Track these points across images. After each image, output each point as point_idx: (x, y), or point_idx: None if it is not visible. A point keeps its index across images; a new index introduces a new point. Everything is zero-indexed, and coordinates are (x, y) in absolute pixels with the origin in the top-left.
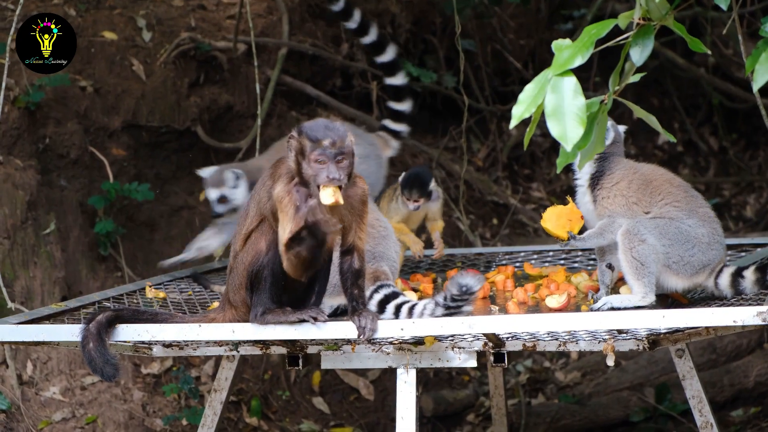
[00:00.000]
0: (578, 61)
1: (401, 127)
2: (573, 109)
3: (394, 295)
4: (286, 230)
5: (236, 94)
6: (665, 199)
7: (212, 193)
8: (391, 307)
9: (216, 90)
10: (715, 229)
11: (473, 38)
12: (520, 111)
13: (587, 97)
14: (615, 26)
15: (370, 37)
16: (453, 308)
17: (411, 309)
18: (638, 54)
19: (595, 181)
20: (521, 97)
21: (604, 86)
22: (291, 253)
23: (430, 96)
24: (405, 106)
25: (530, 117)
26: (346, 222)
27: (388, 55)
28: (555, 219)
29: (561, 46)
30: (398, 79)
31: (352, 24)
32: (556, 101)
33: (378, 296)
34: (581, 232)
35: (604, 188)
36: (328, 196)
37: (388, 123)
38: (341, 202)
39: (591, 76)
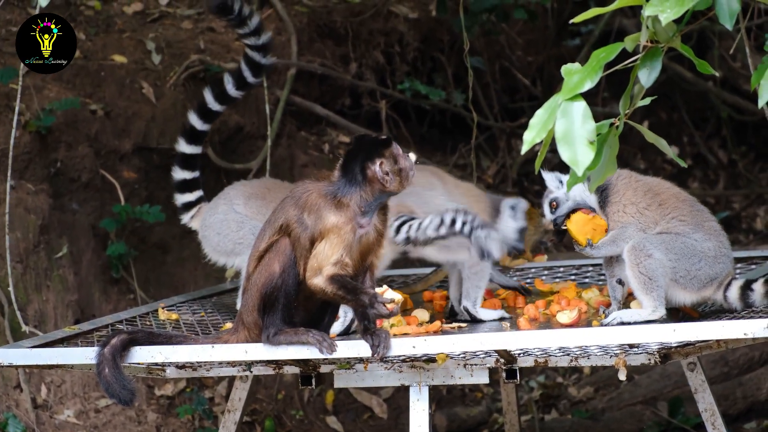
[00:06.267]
0: (587, 86)
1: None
2: (583, 134)
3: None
4: (332, 258)
5: (246, 115)
6: (671, 214)
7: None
8: (404, 228)
9: (226, 111)
10: (722, 243)
11: (481, 55)
12: (531, 136)
13: (596, 113)
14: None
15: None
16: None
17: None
18: (647, 76)
19: (603, 200)
20: (532, 122)
21: (612, 101)
22: (333, 285)
23: (439, 114)
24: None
25: (541, 140)
26: (369, 243)
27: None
28: (581, 224)
29: (570, 70)
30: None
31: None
32: (566, 126)
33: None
34: None
35: (613, 203)
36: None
37: None
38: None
39: (599, 92)
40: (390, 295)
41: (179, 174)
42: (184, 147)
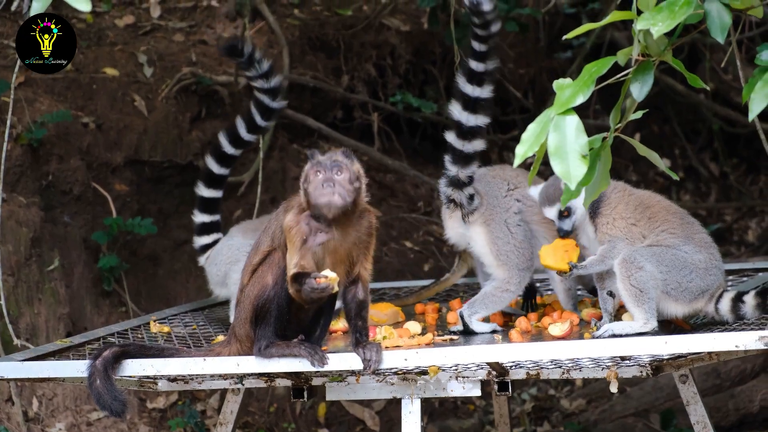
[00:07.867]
0: (579, 100)
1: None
2: (576, 148)
3: None
4: (291, 262)
5: None
6: (662, 226)
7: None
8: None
9: (218, 124)
10: (712, 255)
11: None
12: (523, 150)
13: (588, 125)
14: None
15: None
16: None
17: None
18: (638, 90)
19: (593, 209)
20: (524, 136)
21: (604, 114)
22: (294, 287)
23: (431, 126)
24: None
25: (533, 154)
26: (354, 254)
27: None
28: (552, 253)
29: (562, 85)
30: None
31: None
32: (558, 140)
33: None
34: (581, 260)
35: (604, 215)
36: (324, 280)
37: None
38: (335, 289)
39: (591, 104)
40: (325, 272)
41: (199, 217)
42: (203, 191)
